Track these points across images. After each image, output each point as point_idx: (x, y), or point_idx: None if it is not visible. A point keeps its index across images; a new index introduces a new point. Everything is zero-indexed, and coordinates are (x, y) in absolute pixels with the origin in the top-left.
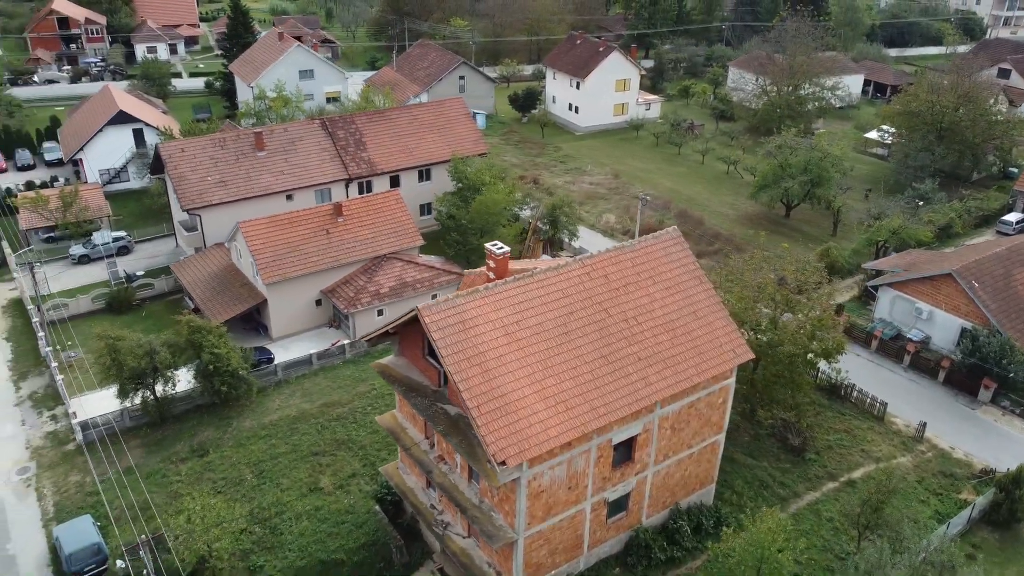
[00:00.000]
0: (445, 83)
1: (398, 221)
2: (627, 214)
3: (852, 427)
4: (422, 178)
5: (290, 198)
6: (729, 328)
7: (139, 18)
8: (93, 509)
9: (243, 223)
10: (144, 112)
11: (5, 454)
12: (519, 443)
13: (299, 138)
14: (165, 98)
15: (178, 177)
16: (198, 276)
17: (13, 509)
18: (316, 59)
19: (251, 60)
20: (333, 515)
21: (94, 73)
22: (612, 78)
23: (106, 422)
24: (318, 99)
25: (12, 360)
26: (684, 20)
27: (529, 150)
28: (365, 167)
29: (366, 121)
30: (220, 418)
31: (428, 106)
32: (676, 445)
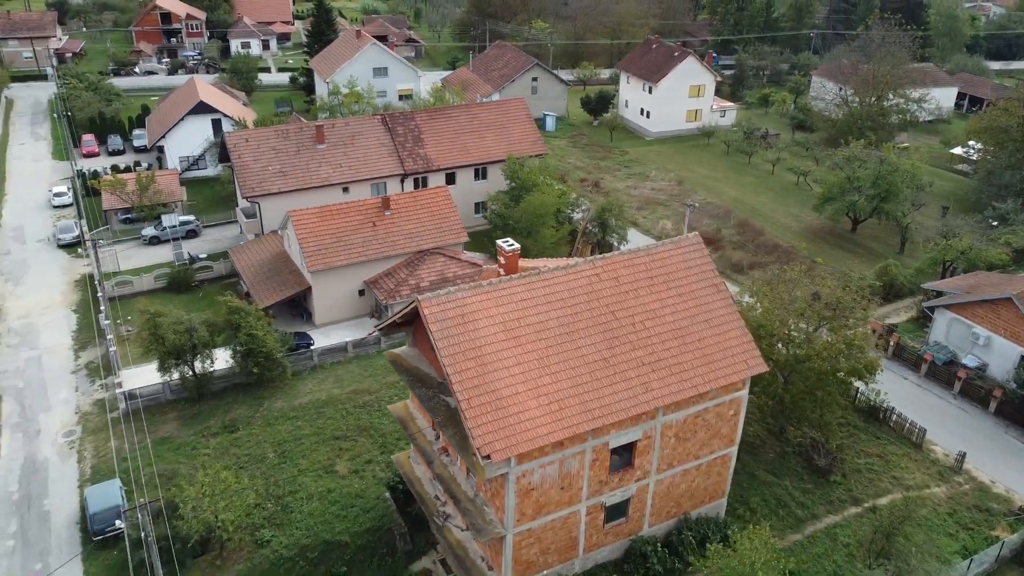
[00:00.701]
0: (518, 84)
1: (444, 217)
2: (685, 221)
3: (886, 452)
4: (478, 176)
5: (346, 190)
6: (744, 339)
7: (236, 15)
8: (125, 475)
9: (293, 212)
10: (224, 103)
11: (56, 417)
12: (506, 439)
13: (359, 133)
14: (251, 91)
15: (241, 166)
16: (251, 261)
17: (55, 468)
18: (390, 57)
19: (329, 57)
20: (344, 498)
21: (190, 66)
22: (686, 84)
23: (148, 394)
24: (391, 96)
25: (76, 331)
26: (772, 27)
27: (595, 153)
28: (421, 163)
29: (426, 118)
30: (254, 397)
31: (489, 105)
32: (681, 455)
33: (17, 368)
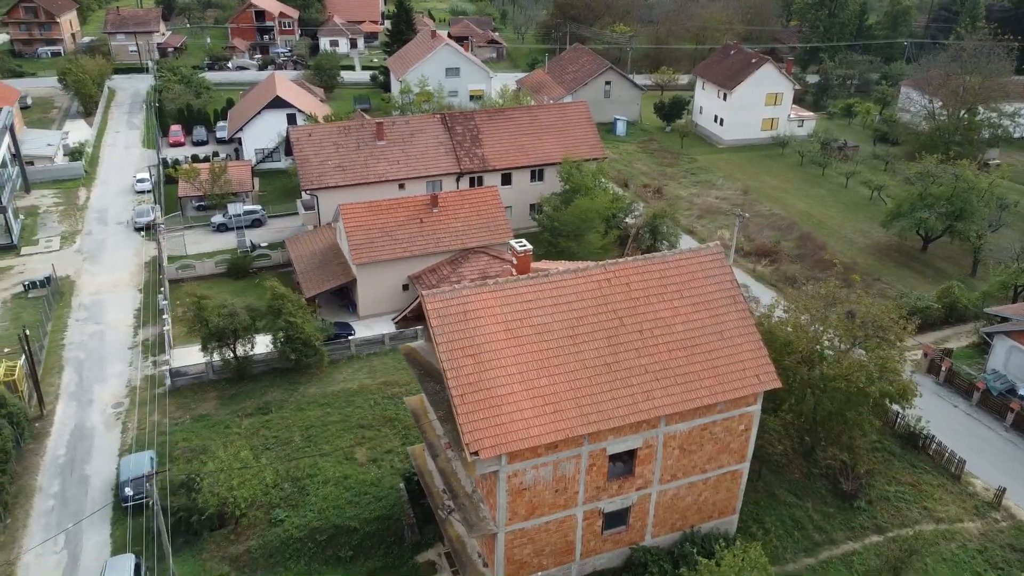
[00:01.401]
0: (591, 87)
1: (491, 216)
2: (743, 231)
3: (920, 481)
4: (534, 178)
5: (402, 187)
6: (758, 353)
7: (328, 14)
8: (161, 447)
9: (344, 205)
10: (300, 99)
11: (108, 389)
12: (496, 437)
13: (418, 131)
14: (333, 88)
15: (302, 159)
16: (305, 251)
17: (100, 437)
18: (463, 58)
19: (404, 56)
20: (358, 485)
21: (279, 62)
22: (762, 91)
23: (193, 373)
24: (462, 96)
25: (138, 309)
26: (864, 34)
27: (663, 160)
28: (477, 163)
29: (485, 118)
30: (290, 382)
31: (549, 107)
32: (686, 467)
33: (81, 341)
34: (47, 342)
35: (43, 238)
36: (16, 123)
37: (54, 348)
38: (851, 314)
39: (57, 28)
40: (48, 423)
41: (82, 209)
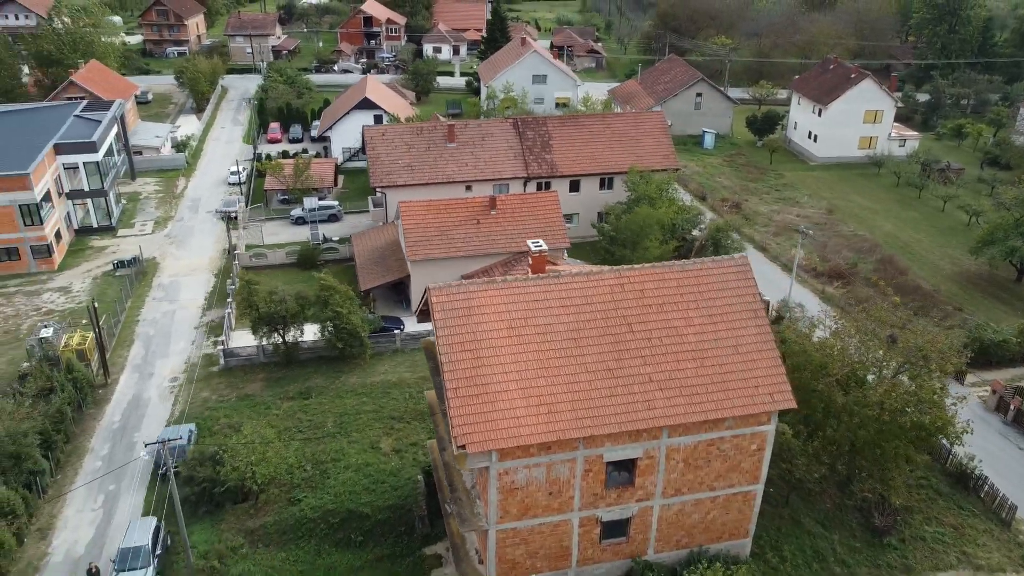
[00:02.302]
0: (681, 99)
1: (549, 222)
2: (820, 251)
3: (964, 524)
4: (603, 186)
5: (469, 188)
6: (774, 371)
7: (434, 21)
8: (205, 421)
9: (404, 202)
10: (388, 101)
11: (168, 364)
12: (486, 432)
13: (489, 134)
14: (427, 93)
15: (374, 157)
16: (368, 246)
17: (153, 408)
18: (550, 65)
19: (493, 62)
20: (378, 473)
21: (382, 67)
22: (860, 108)
23: (245, 355)
24: (548, 103)
25: (209, 292)
26: (988, 52)
27: (748, 175)
28: (546, 168)
29: (557, 125)
30: (333, 371)
31: (624, 116)
32: (692, 483)
33: (154, 318)
34: (123, 317)
35: (139, 222)
36: (131, 116)
37: (129, 323)
38: (892, 339)
39: (184, 30)
40: (110, 391)
41: (178, 197)
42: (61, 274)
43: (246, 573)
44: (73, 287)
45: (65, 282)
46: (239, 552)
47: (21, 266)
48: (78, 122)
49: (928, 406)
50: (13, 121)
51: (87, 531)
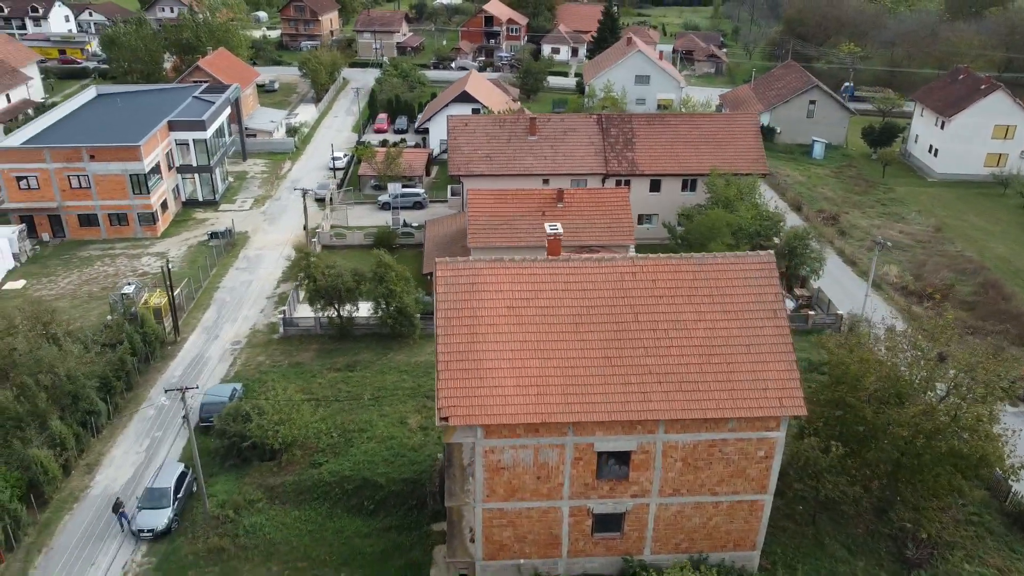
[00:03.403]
0: (793, 106)
1: (616, 218)
2: (917, 269)
3: (1012, 568)
4: (685, 187)
5: (546, 182)
6: (787, 375)
7: (555, 22)
8: (253, 383)
9: (472, 190)
10: (488, 96)
11: (234, 329)
12: (471, 408)
13: (572, 129)
14: (537, 91)
15: (454, 146)
16: (439, 232)
17: (212, 368)
18: (654, 66)
19: (598, 62)
20: (399, 447)
21: (498, 65)
22: (989, 122)
23: (304, 326)
24: (650, 104)
25: (287, 267)
26: None
27: (855, 187)
28: (626, 166)
29: (643, 123)
30: (383, 347)
31: (714, 117)
32: (692, 485)
33: (233, 287)
34: (206, 283)
35: (241, 199)
36: (250, 101)
37: (210, 289)
38: (942, 357)
39: (319, 25)
40: (178, 348)
41: (281, 178)
42: (162, 241)
43: (257, 526)
44: (170, 253)
45: (164, 248)
46: (255, 506)
47: (128, 231)
48: (195, 103)
49: (968, 433)
50: (142, 100)
51: (127, 471)
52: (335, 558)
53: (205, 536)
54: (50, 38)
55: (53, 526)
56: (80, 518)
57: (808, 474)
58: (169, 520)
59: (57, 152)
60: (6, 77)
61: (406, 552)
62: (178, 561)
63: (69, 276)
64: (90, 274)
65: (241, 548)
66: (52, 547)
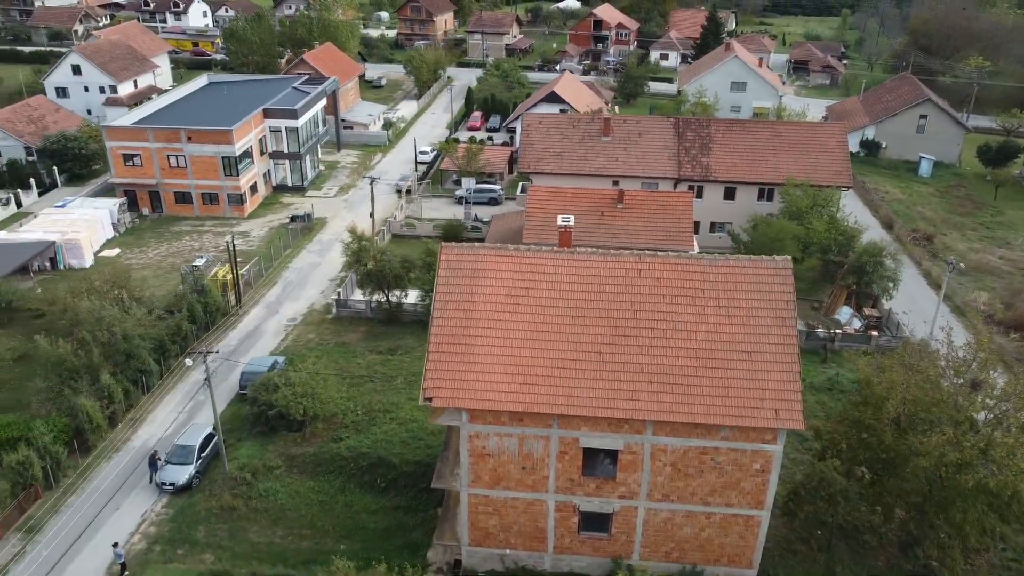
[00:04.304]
0: (901, 120)
1: (676, 222)
2: (1010, 298)
3: None
4: (762, 196)
5: (616, 183)
6: (787, 387)
7: (667, 28)
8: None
9: (532, 187)
10: (577, 97)
11: (294, 307)
12: (455, 390)
13: (646, 131)
14: (636, 96)
15: (526, 143)
16: (502, 228)
17: (265, 339)
18: (751, 73)
19: (695, 67)
20: (419, 430)
21: (603, 69)
22: None
23: (356, 309)
24: (745, 111)
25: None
26: None
27: (959, 208)
28: (699, 171)
29: (721, 128)
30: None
31: (798, 125)
32: (682, 492)
33: (301, 268)
34: (276, 263)
35: (327, 186)
36: (351, 94)
37: (280, 268)
38: (975, 384)
39: (433, 26)
40: (239, 320)
41: (368, 169)
42: (248, 221)
43: (272, 491)
44: (252, 233)
45: (247, 228)
46: (273, 472)
47: (218, 210)
48: (292, 93)
49: (998, 467)
50: (247, 88)
51: (166, 428)
52: (338, 530)
53: (221, 494)
54: (186, 31)
55: (91, 471)
56: (116, 467)
57: (821, 496)
58: (190, 476)
59: (159, 132)
60: (136, 65)
61: (408, 532)
62: (192, 515)
63: (158, 248)
64: (177, 247)
65: (252, 510)
66: (86, 490)
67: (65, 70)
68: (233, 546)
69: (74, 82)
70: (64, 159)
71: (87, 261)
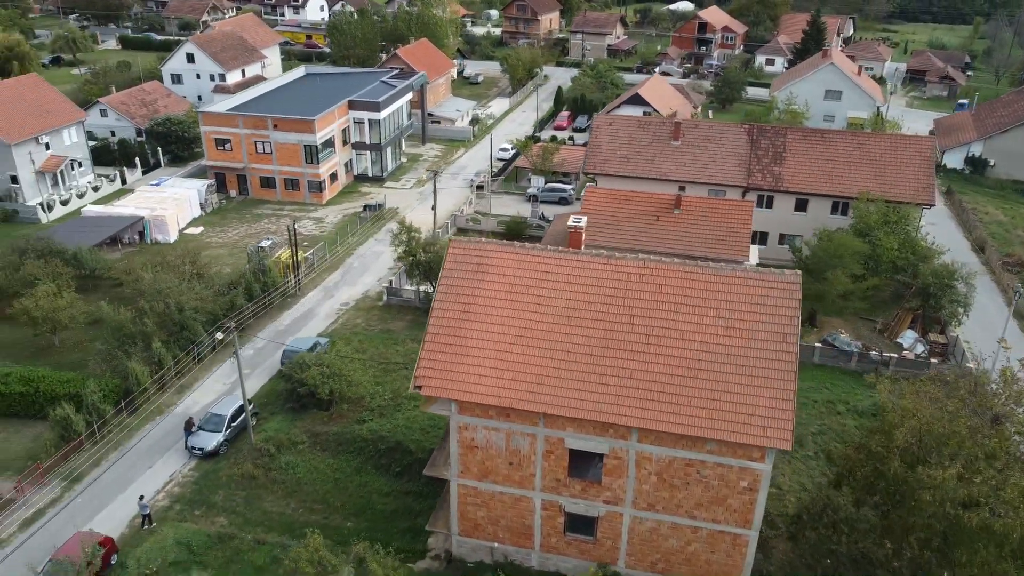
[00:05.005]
0: (1013, 137)
1: (733, 231)
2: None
3: None
4: (835, 210)
5: (682, 189)
6: (780, 405)
7: (776, 33)
8: (342, 340)
9: (590, 187)
10: (662, 100)
11: (349, 293)
12: (444, 380)
13: (718, 137)
14: (732, 102)
15: (594, 144)
16: (560, 227)
17: (315, 320)
18: (847, 81)
19: (789, 73)
20: (439, 419)
21: (703, 73)
22: None
23: (405, 298)
24: (838, 121)
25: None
26: None
27: None
28: (770, 180)
29: (798, 137)
30: None
31: (880, 137)
32: (668, 503)
33: (364, 255)
34: (341, 250)
35: (406, 178)
36: (442, 90)
37: (344, 255)
38: (997, 419)
39: (537, 25)
40: (295, 302)
41: (449, 164)
42: (325, 208)
43: (291, 464)
44: (326, 219)
45: (322, 214)
46: (296, 447)
47: (299, 196)
48: (380, 86)
49: (1007, 508)
50: (338, 80)
51: (209, 397)
52: (348, 507)
53: (244, 463)
54: (301, 24)
55: (134, 430)
56: (158, 428)
57: (824, 523)
58: (218, 444)
59: (248, 119)
60: (245, 55)
61: (414, 516)
62: (215, 480)
63: (238, 229)
64: (256, 229)
65: (271, 481)
66: (126, 446)
67: (180, 58)
68: (246, 512)
69: (188, 69)
70: (168, 141)
71: (171, 237)
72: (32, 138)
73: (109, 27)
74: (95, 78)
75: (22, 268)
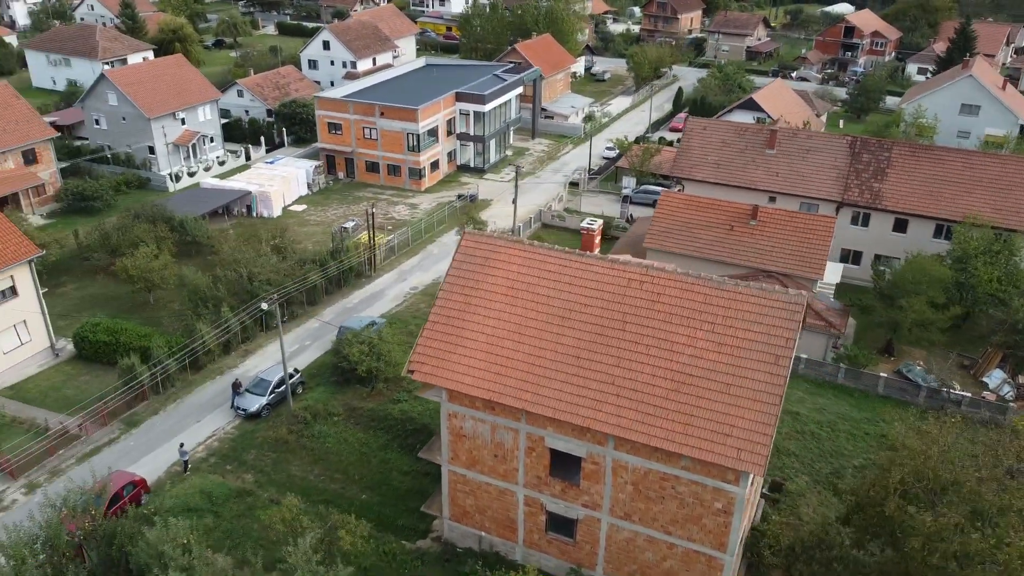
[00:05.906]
0: None
1: (811, 246)
2: None
3: None
4: (939, 234)
5: (772, 200)
6: (759, 428)
7: (933, 40)
8: (402, 322)
9: (666, 192)
10: (777, 106)
11: (422, 278)
12: (436, 367)
13: (816, 148)
14: (867, 112)
15: (685, 147)
16: (637, 230)
17: (382, 302)
18: (987, 95)
19: (924, 84)
20: None
21: (843, 80)
22: None
23: None
24: (972, 139)
25: None
26: None
27: None
28: (868, 197)
29: (905, 153)
30: None
31: (995, 157)
32: (644, 515)
33: (446, 243)
34: (425, 236)
35: (507, 171)
36: (560, 86)
37: (426, 241)
38: (1012, 473)
39: (677, 23)
40: (368, 282)
41: (552, 159)
42: (422, 195)
43: (323, 434)
44: (420, 206)
45: (419, 200)
46: (332, 419)
47: (400, 181)
48: (490, 79)
49: (1002, 568)
50: (454, 71)
51: (266, 363)
52: (366, 480)
53: (279, 428)
54: (443, 16)
55: (195, 387)
56: (216, 387)
57: (816, 558)
58: (260, 407)
59: (357, 106)
60: (377, 44)
61: (425, 497)
62: (251, 440)
63: (338, 209)
64: (353, 211)
65: (300, 447)
66: (184, 401)
67: (317, 45)
68: (272, 472)
69: (323, 56)
70: (293, 122)
71: (275, 212)
72: (169, 113)
73: (271, 14)
74: (242, 60)
75: (133, 230)
